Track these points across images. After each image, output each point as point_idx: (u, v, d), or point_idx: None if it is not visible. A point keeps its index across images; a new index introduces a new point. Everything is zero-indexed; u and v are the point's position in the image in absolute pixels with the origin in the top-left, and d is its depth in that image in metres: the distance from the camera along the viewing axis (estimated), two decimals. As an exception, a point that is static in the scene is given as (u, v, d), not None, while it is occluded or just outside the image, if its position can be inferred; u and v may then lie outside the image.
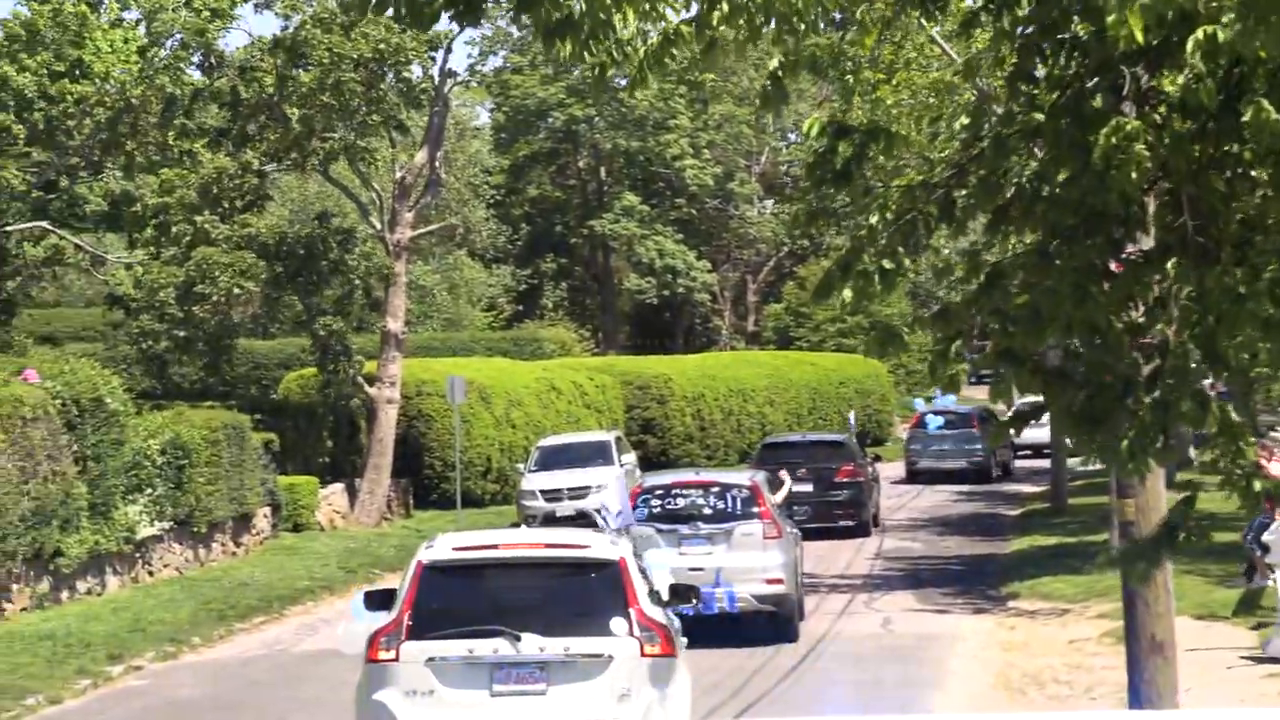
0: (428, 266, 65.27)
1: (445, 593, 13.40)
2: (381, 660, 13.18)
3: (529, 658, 13.06)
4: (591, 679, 13.06)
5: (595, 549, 13.84)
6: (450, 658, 13.07)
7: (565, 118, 75.83)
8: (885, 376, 61.65)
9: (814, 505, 32.46)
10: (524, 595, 13.56)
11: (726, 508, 22.27)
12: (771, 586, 21.77)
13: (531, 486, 38.56)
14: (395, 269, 37.46)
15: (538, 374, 47.02)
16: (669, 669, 13.30)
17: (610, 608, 13.26)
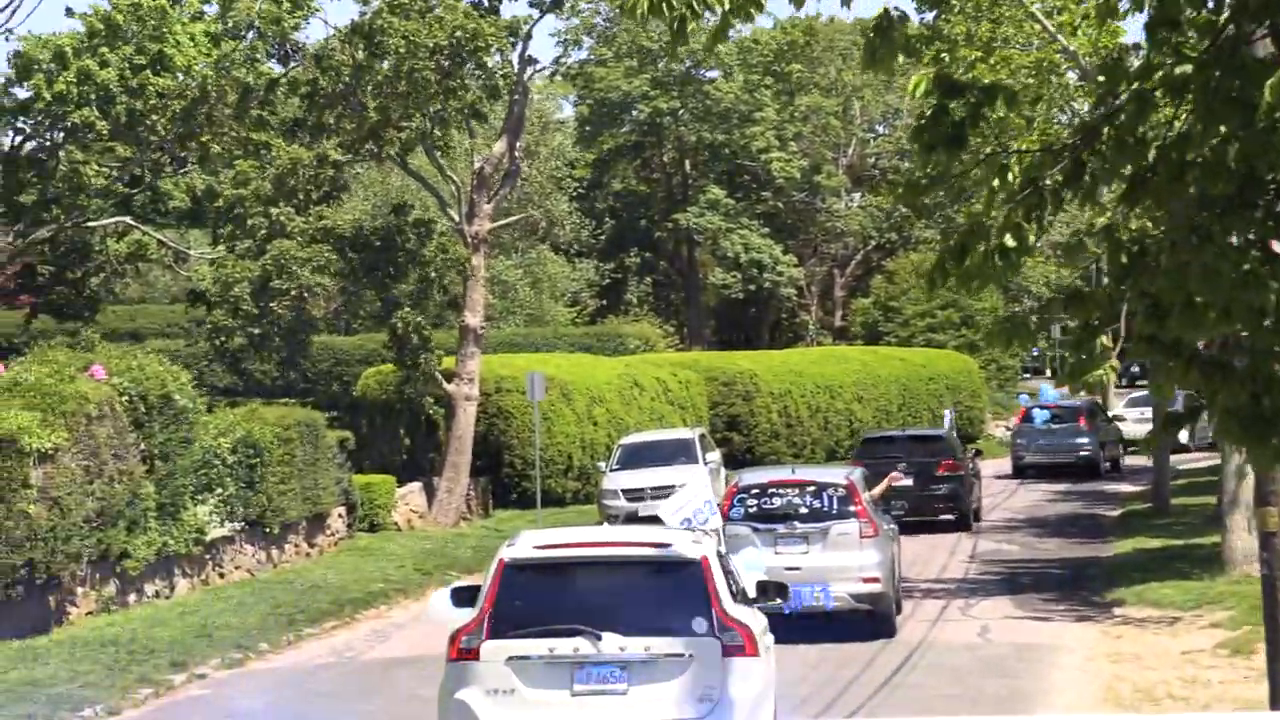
0: (510, 261, 64.38)
1: (527, 591, 13.30)
2: (462, 658, 13.11)
3: (610, 657, 12.96)
4: (672, 679, 12.97)
5: (677, 547, 13.65)
6: (531, 656, 13.01)
7: (650, 110, 74.75)
8: (977, 373, 60.18)
9: (914, 500, 32.32)
10: (605, 594, 13.48)
11: (822, 506, 22.11)
12: (868, 585, 21.68)
13: (613, 485, 37.49)
14: (473, 262, 36.47)
15: (620, 370, 45.96)
16: (752, 669, 13.12)
17: (692, 607, 13.15)
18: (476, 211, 36.79)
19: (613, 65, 75.46)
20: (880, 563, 21.89)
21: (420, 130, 35.32)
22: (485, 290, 63.53)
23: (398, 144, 35.48)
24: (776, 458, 50.41)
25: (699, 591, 13.19)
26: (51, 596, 23.87)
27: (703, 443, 39.33)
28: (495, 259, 64.01)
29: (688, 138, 76.99)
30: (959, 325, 64.10)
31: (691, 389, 48.76)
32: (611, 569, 13.60)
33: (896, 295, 64.79)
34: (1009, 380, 67.11)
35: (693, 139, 76.64)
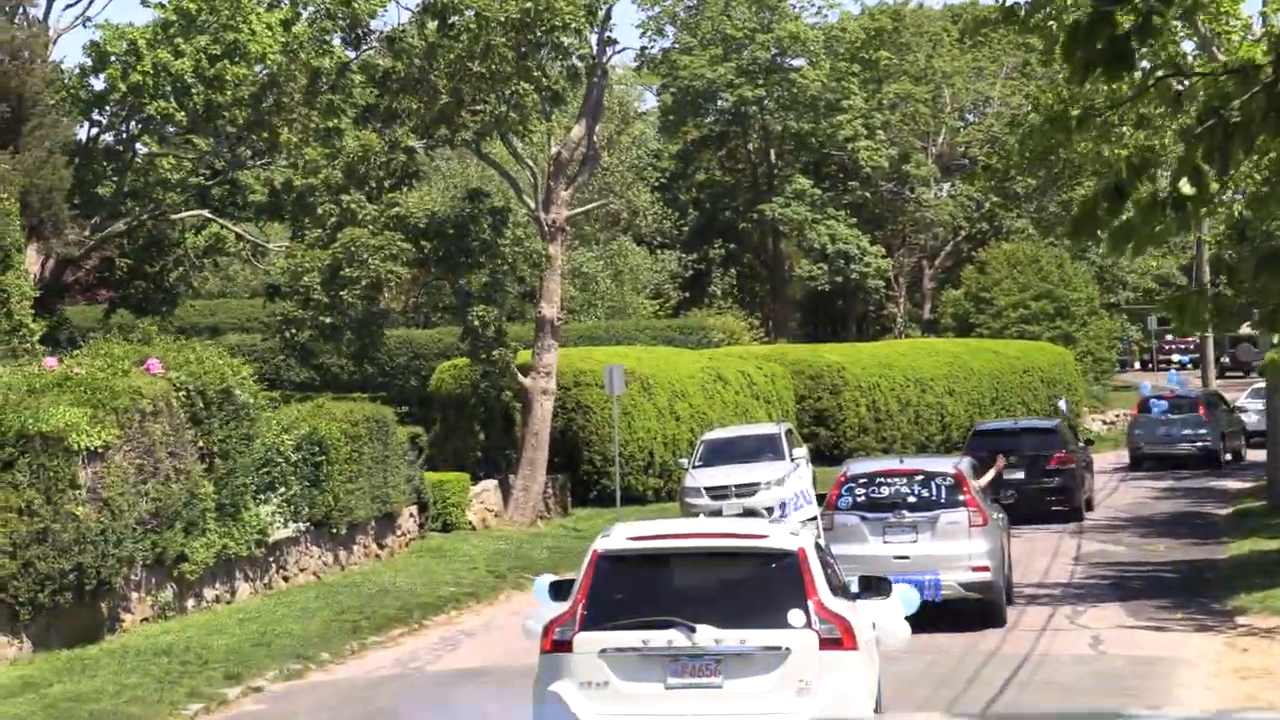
0: (591, 252, 62.93)
1: (620, 582, 13.14)
2: (556, 651, 12.99)
3: (704, 649, 12.76)
4: (768, 672, 12.74)
5: (773, 539, 13.49)
6: (624, 649, 12.87)
7: (735, 99, 73.11)
8: (1073, 365, 58.15)
9: (1024, 492, 32.15)
10: (700, 586, 13.28)
11: (931, 495, 22.06)
12: (977, 574, 21.59)
13: (696, 483, 35.91)
14: (550, 251, 34.97)
15: (703, 363, 44.37)
16: (850, 663, 12.91)
17: (788, 599, 12.92)
18: (554, 199, 35.31)
19: (697, 54, 73.85)
20: (989, 551, 21.79)
21: (495, 114, 33.86)
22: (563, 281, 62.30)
23: (471, 128, 34.03)
24: (865, 453, 48.66)
25: (796, 583, 12.96)
26: (103, 603, 22.56)
27: (789, 438, 37.69)
28: (575, 250, 62.59)
29: (773, 127, 75.28)
30: (1053, 316, 62.04)
31: (777, 382, 47.11)
32: (707, 560, 13.37)
33: (989, 286, 62.79)
34: (1105, 373, 64.97)
35: (778, 128, 74.93)
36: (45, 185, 41.07)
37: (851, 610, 13.49)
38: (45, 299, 47.27)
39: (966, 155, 78.17)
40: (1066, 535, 31.90)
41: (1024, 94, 77.54)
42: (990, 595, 21.76)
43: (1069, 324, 62.03)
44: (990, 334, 60.86)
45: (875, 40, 74.41)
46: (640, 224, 65.21)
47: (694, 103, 74.82)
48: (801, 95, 73.48)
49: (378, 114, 34.59)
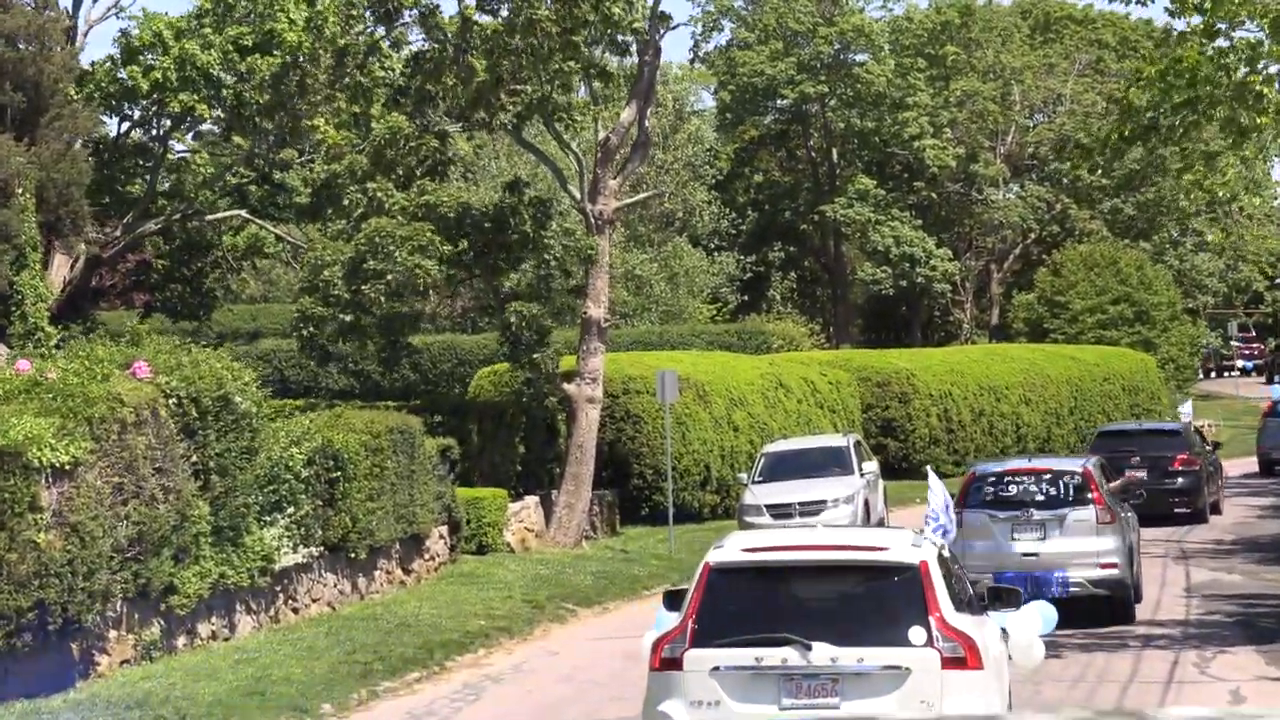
0: (645, 254, 59.63)
1: (733, 597, 12.44)
2: (665, 668, 12.33)
3: (820, 668, 12.08)
4: (888, 693, 12.02)
5: (894, 551, 12.65)
6: (737, 667, 12.18)
7: (795, 96, 69.70)
8: (1155, 372, 54.41)
9: (1148, 493, 30.48)
10: (816, 601, 12.59)
11: (1059, 494, 22.34)
12: (1105, 571, 21.75)
13: (756, 500, 32.52)
14: (598, 245, 31.64)
15: (763, 369, 40.95)
16: (974, 683, 12.11)
17: (909, 615, 12.22)
18: (601, 188, 31.97)
19: (757, 49, 70.47)
20: (1117, 549, 21.93)
21: (537, 95, 30.58)
22: (614, 282, 59.05)
23: (511, 111, 30.76)
24: (935, 465, 45.08)
25: (917, 599, 12.25)
26: (73, 644, 19.31)
27: (858, 450, 34.27)
28: (629, 251, 59.33)
29: (835, 124, 71.82)
30: (1132, 321, 58.30)
31: (842, 390, 43.66)
32: (823, 574, 12.66)
33: (1063, 289, 59.09)
34: (1187, 380, 61.17)
35: (841, 126, 71.46)
36: (63, 180, 37.96)
37: (978, 626, 12.69)
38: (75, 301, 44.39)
39: (1036, 155, 74.49)
40: (1171, 561, 28.34)
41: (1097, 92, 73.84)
42: (1119, 592, 21.93)
43: (1149, 329, 58.31)
44: (1065, 340, 57.22)
45: (942, 35, 70.83)
46: (696, 224, 61.84)
47: (753, 100, 71.42)
48: (865, 92, 70.00)
49: (409, 96, 31.36)
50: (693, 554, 32.08)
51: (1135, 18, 79.44)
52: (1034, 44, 75.18)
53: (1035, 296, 60.36)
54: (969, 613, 12.82)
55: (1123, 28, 77.57)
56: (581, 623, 25.48)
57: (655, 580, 29.04)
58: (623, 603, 27.28)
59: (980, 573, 19.25)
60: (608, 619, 25.91)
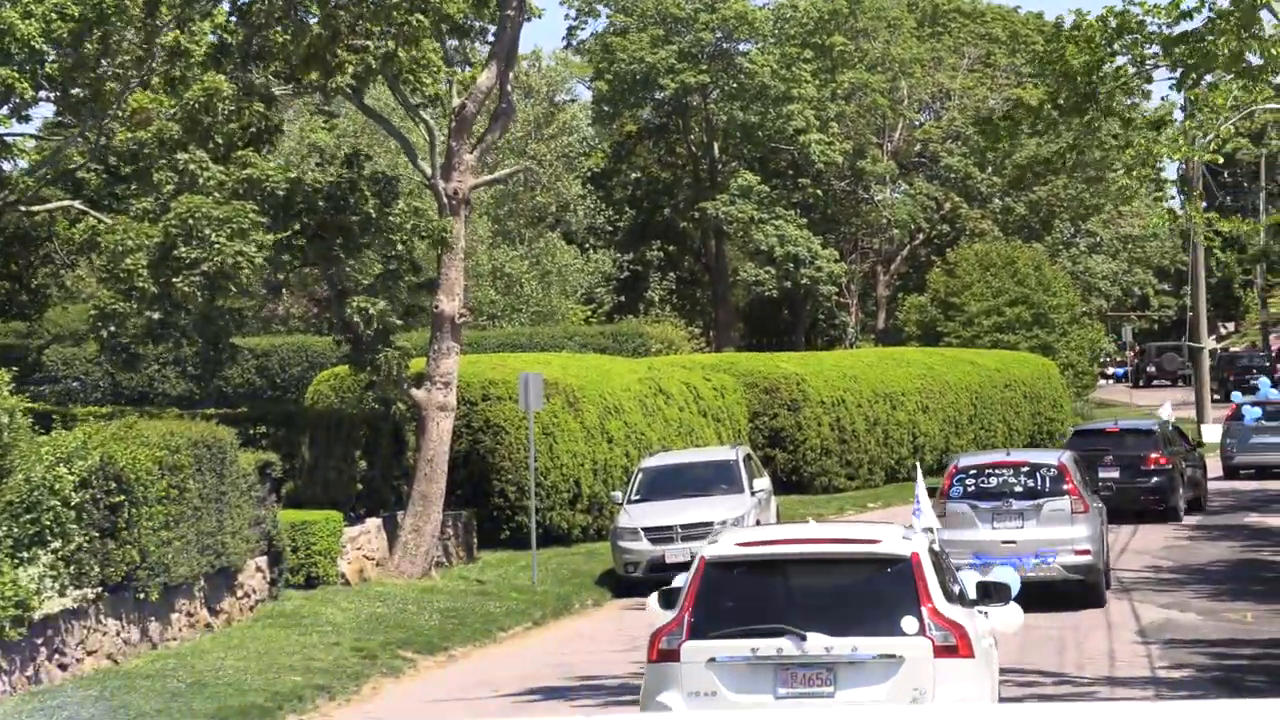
0: (516, 251, 55.12)
1: (728, 590, 12.55)
2: (663, 660, 12.41)
3: (815, 658, 12.19)
4: (881, 681, 12.16)
5: (886, 544, 12.80)
6: (732, 658, 12.29)
7: (675, 86, 65.41)
8: (1058, 378, 50.59)
9: (1121, 491, 32.27)
10: (810, 592, 12.63)
11: (1036, 485, 23.43)
12: (1079, 557, 22.85)
13: (632, 523, 28.15)
14: (452, 228, 27.09)
15: (641, 374, 36.56)
16: (966, 671, 12.27)
17: (901, 605, 12.31)
18: (455, 163, 27.42)
19: (634, 36, 66.16)
20: (1091, 536, 23.13)
21: (381, 53, 25.99)
22: (483, 282, 54.52)
23: (350, 71, 26.15)
24: (827, 479, 41.08)
25: (909, 589, 12.39)
26: None
27: (748, 465, 30.00)
28: (498, 247, 54.81)
29: (717, 117, 67.66)
30: (1030, 324, 54.51)
31: (728, 397, 39.38)
32: (817, 566, 12.80)
33: (958, 290, 55.18)
34: (1086, 387, 57.51)
35: (723, 119, 67.29)
36: None
37: (968, 617, 12.87)
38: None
39: (925, 152, 70.78)
40: (1110, 595, 24.27)
41: (987, 87, 70.27)
42: (1091, 577, 23.09)
43: (1048, 333, 54.56)
44: (960, 343, 53.34)
45: (829, 24, 66.86)
46: (570, 220, 57.39)
47: (631, 90, 67.08)
48: (749, 83, 65.90)
49: (232, 54, 26.64)
50: (559, 584, 27.62)
51: (1024, 10, 76.17)
52: (921, 37, 71.49)
53: (928, 298, 56.44)
54: (960, 604, 12.95)
55: (1013, 21, 74.10)
56: (420, 676, 20.95)
57: (513, 619, 24.57)
58: (473, 648, 22.81)
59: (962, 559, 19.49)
60: (453, 671, 21.44)
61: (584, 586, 27.86)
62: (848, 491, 41.32)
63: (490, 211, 54.54)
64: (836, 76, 67.59)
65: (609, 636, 23.65)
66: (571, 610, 26.26)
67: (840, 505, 39.63)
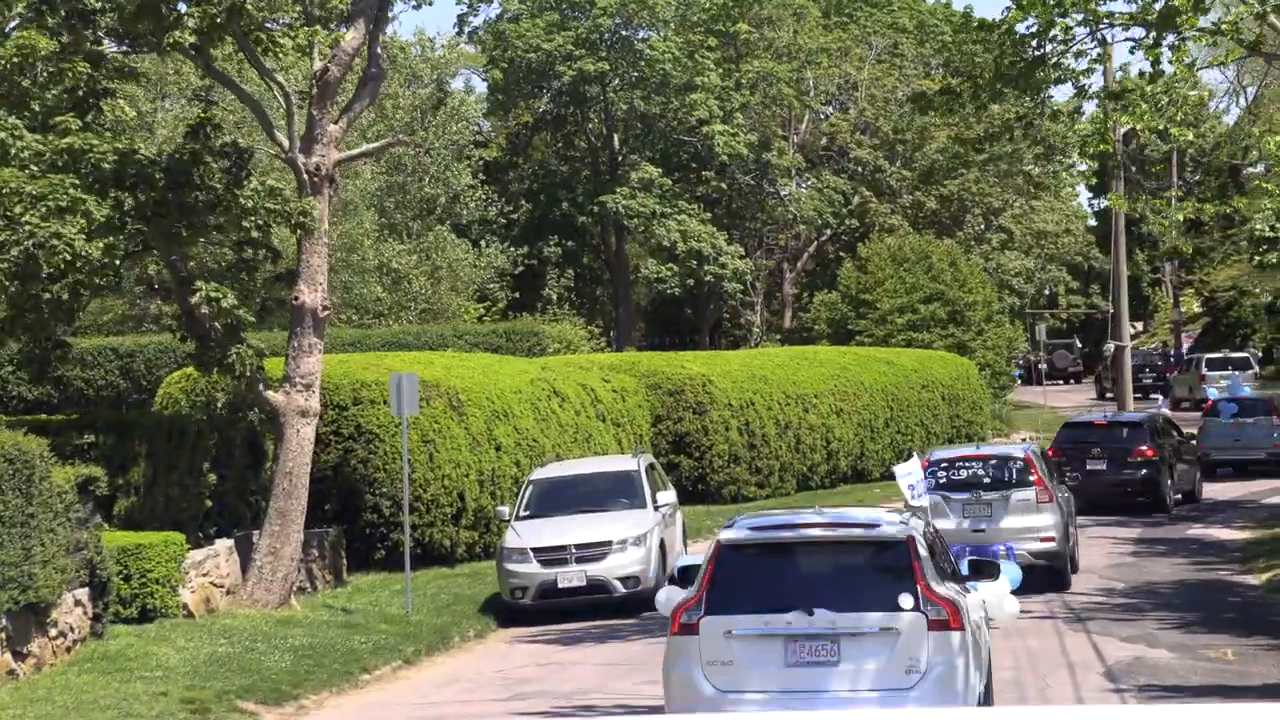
0: (403, 246, 51.49)
1: (742, 570, 13.50)
2: (683, 634, 13.35)
3: (821, 630, 13.12)
4: (880, 652, 13.09)
5: (884, 528, 13.81)
6: (747, 631, 13.25)
7: (573, 74, 61.98)
8: (977, 379, 47.58)
9: (1107, 483, 33.00)
10: (816, 572, 13.60)
11: (1004, 477, 24.44)
12: (1044, 544, 23.97)
13: (520, 542, 24.71)
14: (314, 209, 23.51)
15: (534, 374, 33.12)
16: (956, 642, 13.17)
17: (898, 584, 13.22)
18: (318, 135, 23.86)
19: (530, 22, 62.69)
20: (1055, 524, 24.15)
21: (225, 5, 22.40)
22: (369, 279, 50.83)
23: (191, 25, 22.53)
24: (736, 488, 37.85)
25: (905, 569, 13.27)
26: None
27: (651, 475, 26.64)
28: (384, 241, 51.14)
29: (617, 107, 64.29)
30: (946, 322, 51.53)
31: (629, 399, 36.03)
32: (822, 548, 13.73)
33: (870, 286, 52.08)
34: (1004, 388, 54.62)
35: (623, 108, 63.95)
36: None
37: (960, 594, 13.78)
38: None
39: (833, 145, 67.73)
40: (1064, 626, 21.12)
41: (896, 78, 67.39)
42: (1056, 563, 24.17)
43: (964, 331, 51.57)
44: (872, 342, 50.25)
45: (734, 10, 63.67)
46: (462, 211, 53.79)
47: (527, 78, 63.61)
48: (650, 71, 62.61)
49: (56, 7, 22.94)
50: (437, 612, 24.10)
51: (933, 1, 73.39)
52: (828, 26, 68.49)
53: (839, 295, 53.31)
54: (952, 582, 13.89)
55: (920, 11, 71.30)
56: (263, 731, 17.42)
57: (380, 657, 21.05)
58: (329, 695, 19.28)
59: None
60: (301, 729, 17.92)
61: (466, 615, 24.38)
62: (757, 501, 38.11)
63: (376, 203, 50.88)
64: (741, 66, 64.46)
65: (490, 681, 20.22)
66: (450, 644, 22.78)
67: (750, 516, 36.38)
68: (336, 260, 48.63)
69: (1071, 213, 73.32)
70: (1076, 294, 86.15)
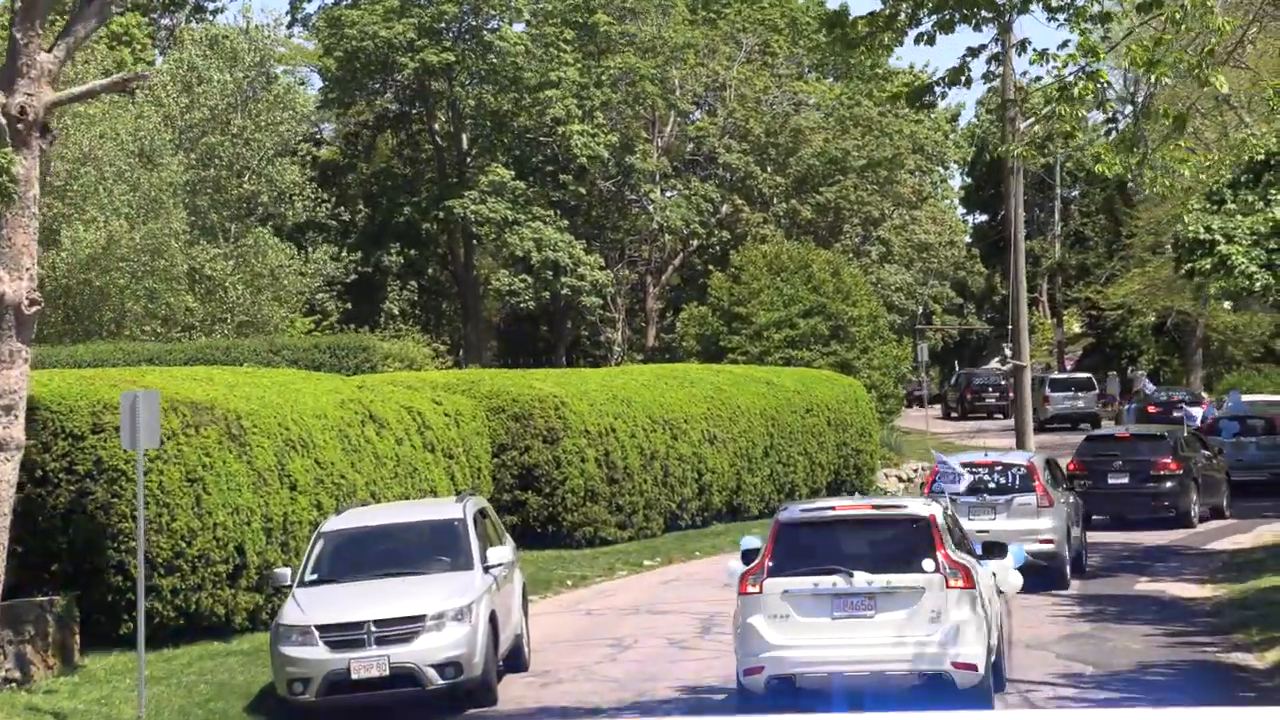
0: (218, 249, 44.75)
1: (797, 542, 16.46)
2: (749, 593, 16.27)
3: (861, 589, 16.07)
4: (908, 606, 16.01)
5: (912, 508, 16.86)
6: (801, 590, 16.14)
7: (416, 66, 55.58)
8: (866, 402, 41.64)
9: (1130, 497, 32.76)
10: (857, 543, 16.47)
11: (1007, 482, 25.70)
12: (1044, 545, 24.90)
13: (302, 618, 18.22)
14: (13, 167, 16.98)
15: (347, 395, 26.61)
16: (970, 598, 16.05)
17: (923, 552, 16.16)
18: (23, 67, 17.32)
19: (368, 7, 56.17)
20: (1054, 528, 25.44)
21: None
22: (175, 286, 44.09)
23: None
24: (593, 529, 31.64)
25: (928, 540, 16.21)
26: None
27: (481, 526, 20.21)
28: (195, 244, 44.34)
29: (465, 103, 57.93)
30: (828, 338, 45.65)
31: (464, 425, 29.67)
32: (861, 525, 16.75)
33: (745, 299, 46.07)
34: (891, 411, 48.84)
35: (471, 104, 57.60)
36: None
37: (973, 562, 16.63)
38: None
39: (701, 150, 61.77)
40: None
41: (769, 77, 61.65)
42: (1055, 564, 25.25)
43: (848, 349, 45.74)
44: (747, 360, 44.28)
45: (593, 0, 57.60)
46: (287, 212, 47.12)
47: (366, 70, 57.08)
48: (501, 65, 56.37)
49: None
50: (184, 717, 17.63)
51: (804, 0, 67.77)
52: (694, 22, 62.58)
53: (709, 308, 47.27)
54: (966, 552, 16.82)
55: (792, 8, 65.66)
56: None
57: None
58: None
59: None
60: None
61: (227, 718, 17.88)
62: (619, 544, 31.97)
63: (187, 201, 44.08)
64: (601, 61, 58.37)
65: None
66: (196, 769, 16.30)
67: (609, 563, 30.23)
68: (140, 266, 41.89)
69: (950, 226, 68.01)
70: (951, 314, 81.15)
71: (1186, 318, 64.79)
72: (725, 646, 21.28)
